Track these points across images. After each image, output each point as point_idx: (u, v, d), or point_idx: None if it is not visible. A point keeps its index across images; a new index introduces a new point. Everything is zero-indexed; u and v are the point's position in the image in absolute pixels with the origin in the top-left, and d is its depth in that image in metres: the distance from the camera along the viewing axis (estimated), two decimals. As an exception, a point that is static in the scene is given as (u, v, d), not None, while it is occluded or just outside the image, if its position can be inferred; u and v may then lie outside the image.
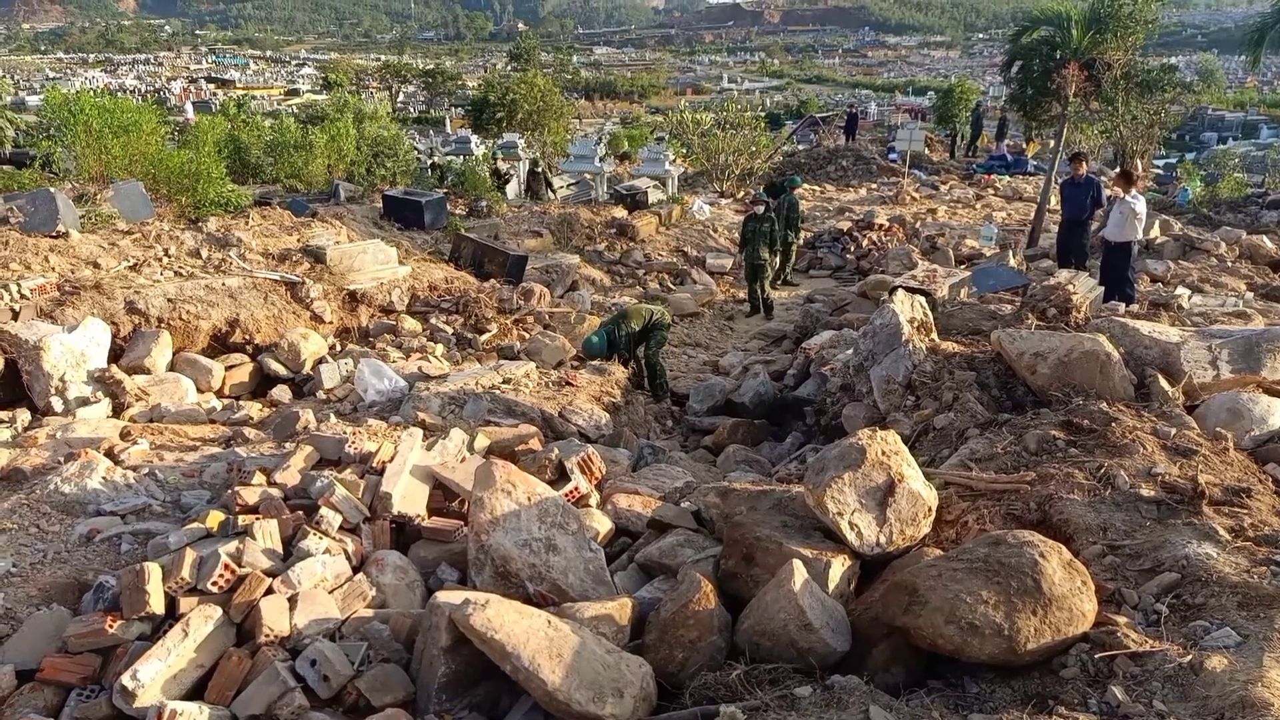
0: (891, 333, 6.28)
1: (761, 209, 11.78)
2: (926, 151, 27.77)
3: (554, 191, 16.73)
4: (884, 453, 3.80)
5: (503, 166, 16.99)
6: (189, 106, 36.55)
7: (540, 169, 17.05)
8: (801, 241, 13.99)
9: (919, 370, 5.97)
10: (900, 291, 6.86)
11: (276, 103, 43.26)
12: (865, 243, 14.41)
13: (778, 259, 12.30)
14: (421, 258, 10.58)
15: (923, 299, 6.84)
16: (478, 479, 4.22)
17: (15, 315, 6.92)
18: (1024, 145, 28.68)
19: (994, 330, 6.01)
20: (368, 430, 5.66)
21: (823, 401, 6.92)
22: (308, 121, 17.04)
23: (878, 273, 12.14)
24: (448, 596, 3.62)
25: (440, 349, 8.29)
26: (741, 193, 19.38)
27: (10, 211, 8.13)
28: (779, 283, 13.08)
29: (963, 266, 11.89)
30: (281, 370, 7.74)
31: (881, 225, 15.07)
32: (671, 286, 12.58)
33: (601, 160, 19.02)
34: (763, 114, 25.02)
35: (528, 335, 8.80)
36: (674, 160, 20.96)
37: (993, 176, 23.49)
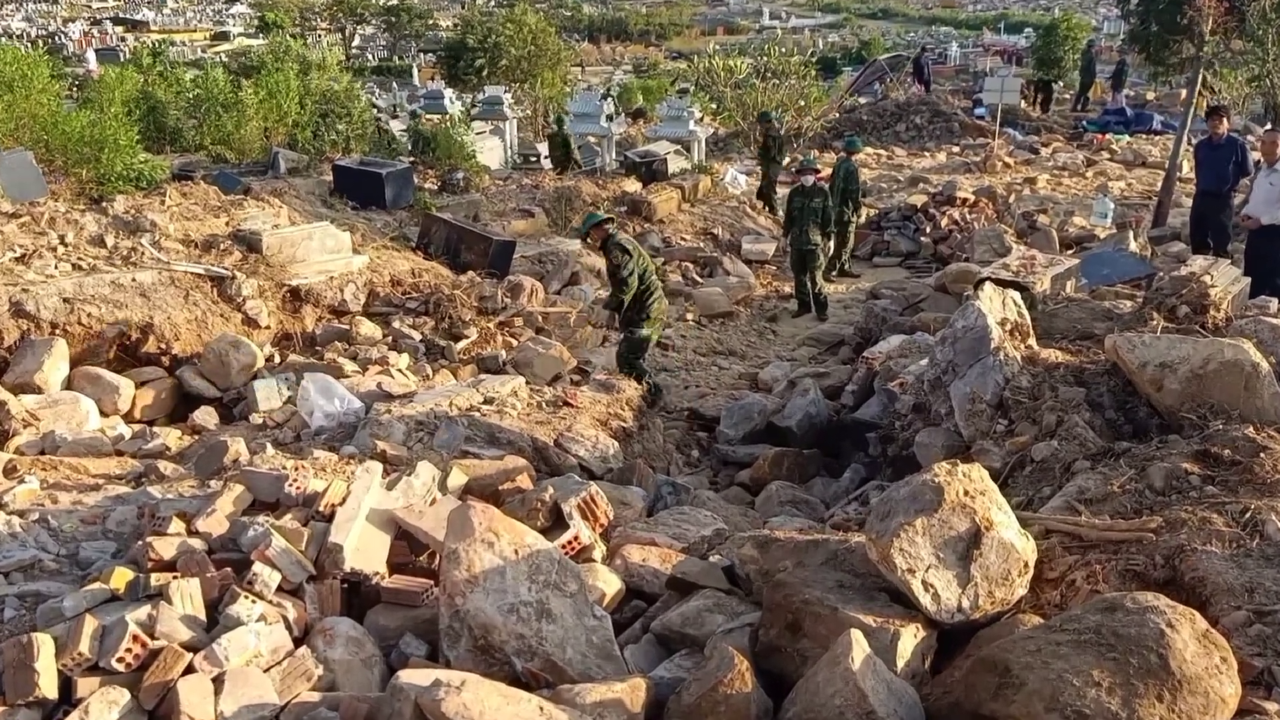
0: (977, 338, 6.26)
1: (811, 179, 11.84)
2: (1023, 104, 27.84)
3: (578, 161, 16.99)
4: (967, 492, 3.78)
5: (568, 135, 17.17)
6: (91, 55, 36.57)
7: (564, 130, 17.17)
8: (862, 220, 14.07)
9: (1013, 386, 5.95)
10: (989, 285, 6.83)
11: (201, 50, 43.38)
12: (944, 222, 14.45)
13: (832, 243, 12.32)
14: (382, 244, 10.64)
15: (1017, 295, 6.82)
16: (451, 526, 4.22)
17: None
18: (1148, 96, 28.58)
19: (1109, 335, 5.99)
20: (314, 464, 5.68)
21: (890, 426, 6.96)
22: (240, 74, 17.24)
23: (960, 260, 12.13)
24: (413, 676, 3.61)
25: (406, 360, 8.36)
26: (787, 159, 19.58)
27: None
28: (835, 273, 13.16)
29: (1069, 252, 11.89)
30: (206, 388, 7.74)
31: (965, 200, 15.11)
32: (698, 278, 12.67)
33: (609, 120, 19.34)
34: (814, 59, 25.00)
35: (515, 342, 8.97)
36: (701, 119, 20.97)
37: (1108, 136, 24.01)
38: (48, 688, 3.78)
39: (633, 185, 14.97)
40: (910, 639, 3.66)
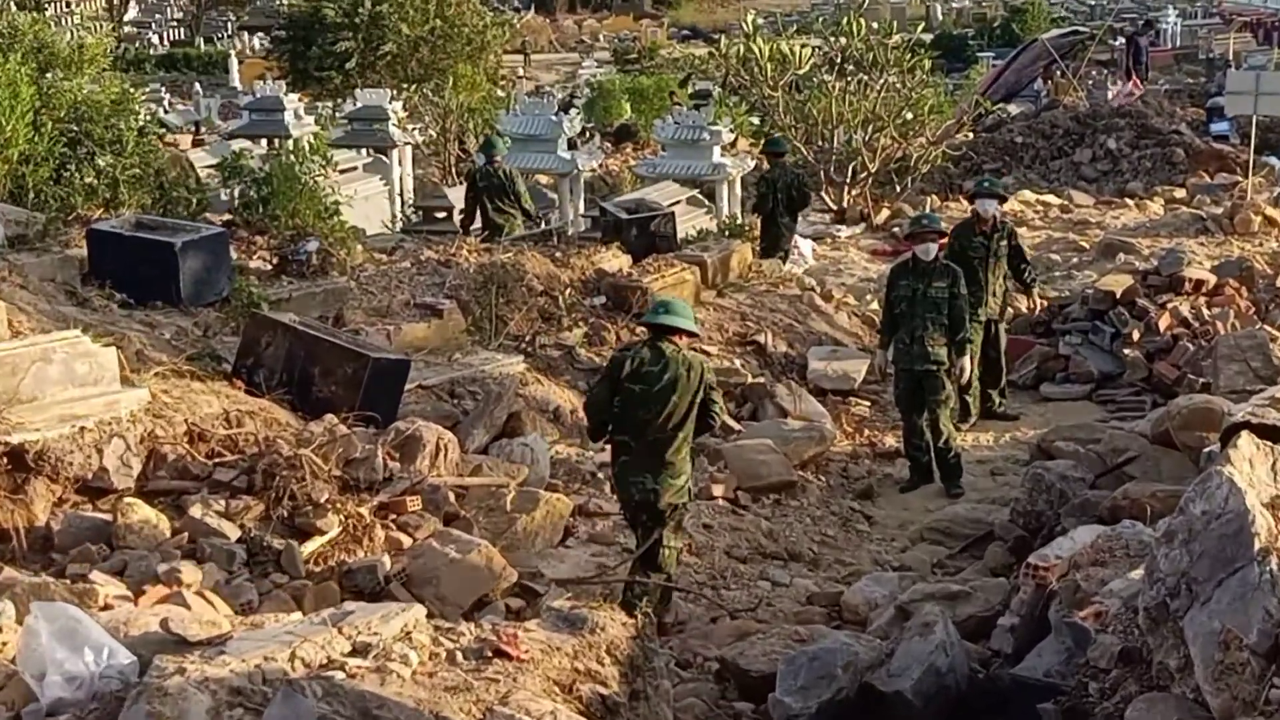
0: (1230, 533, 5.74)
1: (932, 250, 11.16)
2: None
3: (533, 216, 16.23)
4: None
5: (506, 174, 16.09)
6: None
7: (495, 165, 16.05)
8: (1034, 309, 14.06)
9: (1298, 619, 5.62)
10: (1246, 437, 6.30)
11: None
12: (1164, 323, 13.77)
13: (965, 362, 11.70)
14: (173, 368, 9.89)
15: None
16: None
17: None
18: None
19: None
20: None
21: (1079, 690, 6.43)
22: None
23: (1194, 390, 11.90)
24: None
25: (213, 576, 7.66)
26: (883, 213, 19.28)
27: None
28: (974, 417, 12.68)
29: None
30: None
31: (1200, 284, 14.45)
32: (731, 424, 11.91)
33: (573, 146, 19.08)
34: (925, 38, 23.85)
35: (409, 541, 8.32)
36: (734, 143, 20.56)
37: None
38: None
39: (614, 259, 14.16)
40: None
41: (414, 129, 21.75)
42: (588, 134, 23.08)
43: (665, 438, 8.19)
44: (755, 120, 22.61)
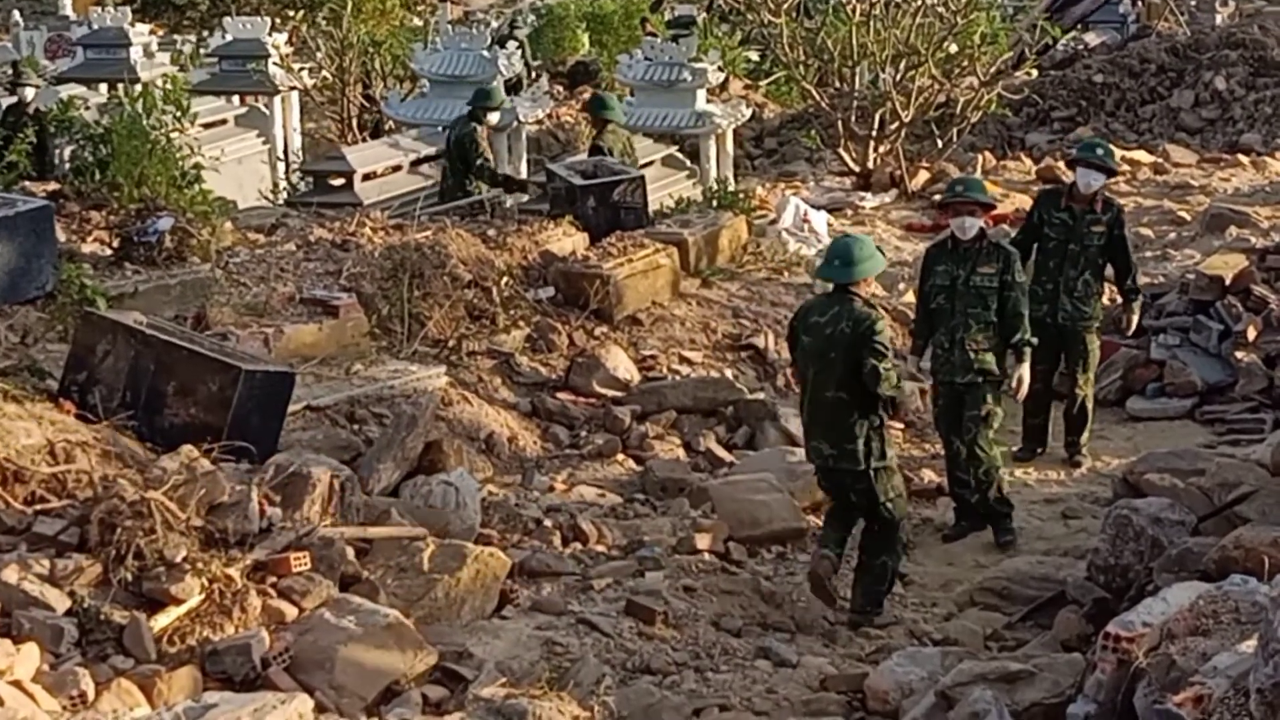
0: None
1: (974, 226, 11.20)
2: None
3: (520, 186, 16.85)
4: None
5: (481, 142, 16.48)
6: None
7: (474, 138, 16.33)
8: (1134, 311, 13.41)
9: None
10: None
11: None
12: None
13: (1021, 370, 11.64)
14: None
15: None
16: None
17: None
18: None
19: None
20: None
21: None
22: None
23: None
24: None
25: (33, 659, 7.51)
26: (920, 176, 19.40)
27: None
28: (1040, 448, 12.75)
29: None
30: None
31: None
32: (720, 452, 12.22)
33: (515, 89, 19.48)
34: None
35: (295, 610, 8.27)
36: (724, 85, 21.07)
37: None
38: None
39: (566, 239, 14.20)
40: None
41: (303, 69, 21.76)
42: (533, 75, 23.12)
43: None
44: (753, 55, 22.77)
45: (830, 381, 9.31)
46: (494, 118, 16.77)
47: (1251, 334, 13.50)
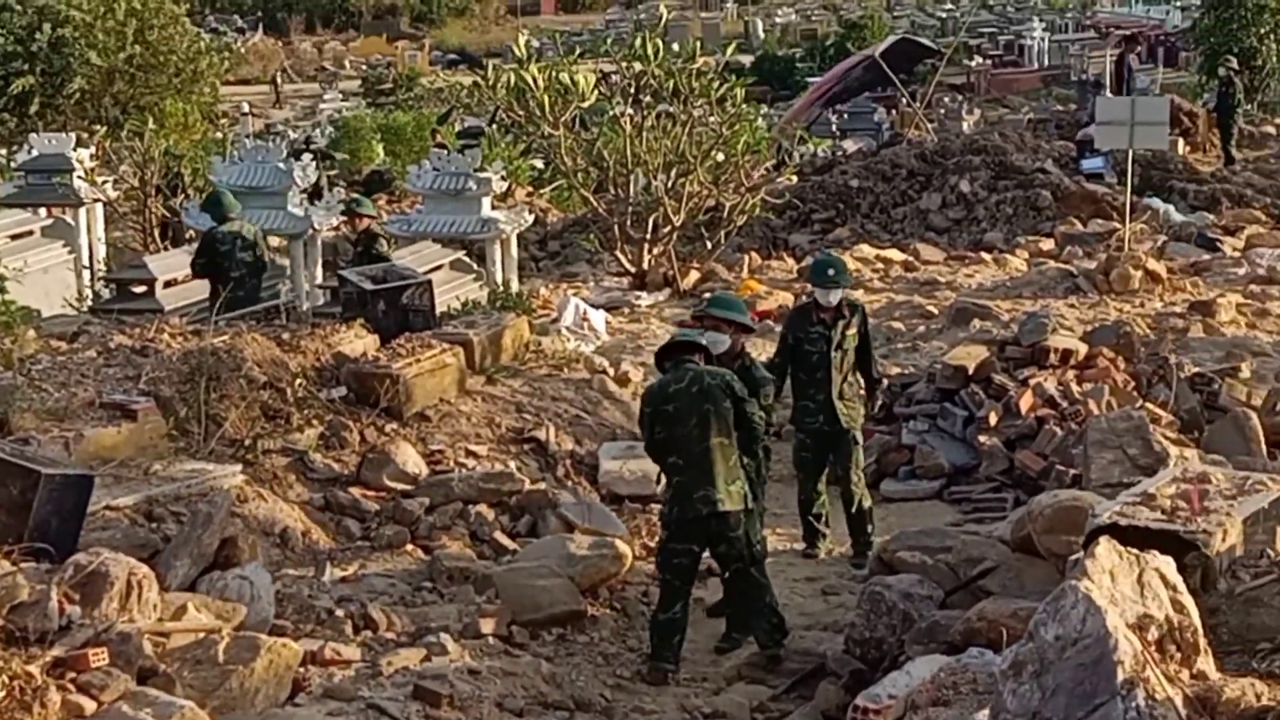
0: (1088, 662, 5.94)
1: (723, 343, 11.28)
2: (1182, 149, 27.19)
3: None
4: None
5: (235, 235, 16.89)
6: None
7: (219, 221, 16.51)
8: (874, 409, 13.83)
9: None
10: (1104, 544, 6.50)
11: None
12: (1026, 404, 14.08)
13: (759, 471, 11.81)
14: None
15: (1169, 564, 6.55)
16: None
17: None
18: None
19: None
20: None
21: None
22: None
23: (1061, 483, 12.36)
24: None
25: None
26: (691, 276, 19.97)
27: None
28: (823, 529, 12.74)
29: None
30: None
31: (1068, 354, 14.83)
32: (504, 541, 12.24)
33: (309, 197, 19.87)
34: (744, 60, 24.39)
35: (94, 704, 8.00)
36: (509, 193, 21.70)
37: None
38: None
39: (358, 341, 14.26)
40: None
41: (106, 182, 21.91)
42: (329, 184, 23.68)
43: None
44: (537, 164, 24.09)
45: (710, 430, 9.84)
46: (231, 225, 16.69)
47: (993, 419, 13.89)
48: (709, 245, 21.16)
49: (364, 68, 51.05)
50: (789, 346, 12.35)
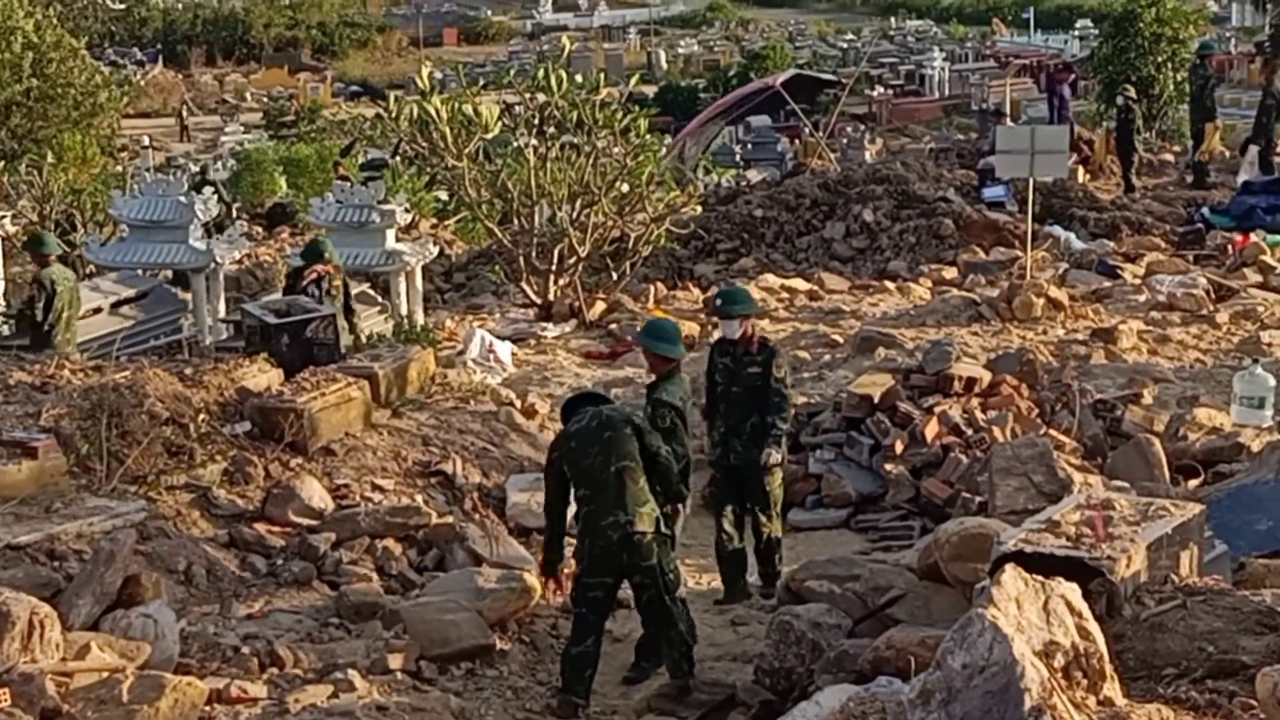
0: (996, 689, 5.98)
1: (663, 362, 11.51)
2: (1081, 176, 27.46)
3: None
4: None
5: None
6: None
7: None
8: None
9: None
10: (1009, 572, 6.57)
11: None
12: (931, 432, 14.24)
13: (685, 505, 11.59)
14: None
15: (1074, 590, 6.62)
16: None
17: None
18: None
19: (1270, 671, 6.11)
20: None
21: None
22: None
23: (968, 510, 12.49)
24: None
25: None
26: (598, 307, 20.08)
27: None
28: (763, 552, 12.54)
29: (1190, 486, 12.60)
30: None
31: (972, 383, 14.96)
32: (412, 576, 12.29)
33: (209, 231, 19.94)
34: (647, 91, 24.58)
35: None
36: (411, 224, 21.87)
37: (1253, 239, 22.24)
38: None
39: (261, 375, 14.28)
40: None
41: (4, 217, 21.96)
42: (231, 217, 23.90)
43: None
44: (441, 196, 24.01)
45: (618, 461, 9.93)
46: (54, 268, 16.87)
47: (899, 448, 13.98)
48: (614, 276, 21.28)
49: (265, 100, 51.18)
50: (708, 374, 12.37)
